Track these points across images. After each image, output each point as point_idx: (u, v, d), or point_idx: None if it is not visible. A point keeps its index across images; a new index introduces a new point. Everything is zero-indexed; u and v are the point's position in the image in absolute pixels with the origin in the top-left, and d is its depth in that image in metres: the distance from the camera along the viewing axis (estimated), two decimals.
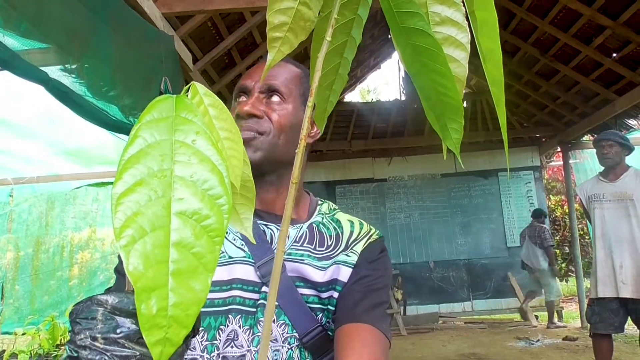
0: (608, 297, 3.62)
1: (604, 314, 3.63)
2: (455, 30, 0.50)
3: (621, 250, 3.61)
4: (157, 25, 2.87)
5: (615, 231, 3.67)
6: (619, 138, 3.70)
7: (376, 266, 0.93)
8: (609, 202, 3.71)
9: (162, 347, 0.34)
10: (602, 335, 3.66)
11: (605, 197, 3.74)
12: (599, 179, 3.84)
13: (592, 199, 3.80)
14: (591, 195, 3.81)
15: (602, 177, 3.82)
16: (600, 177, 3.84)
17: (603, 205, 3.73)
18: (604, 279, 3.65)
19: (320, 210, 1.01)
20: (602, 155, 3.73)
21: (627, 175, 3.70)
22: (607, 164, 3.73)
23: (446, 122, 0.52)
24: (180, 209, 0.36)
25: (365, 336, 0.83)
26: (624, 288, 3.55)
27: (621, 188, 3.69)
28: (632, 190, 3.62)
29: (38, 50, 1.90)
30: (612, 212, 3.69)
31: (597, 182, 3.85)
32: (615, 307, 3.61)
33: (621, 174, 3.71)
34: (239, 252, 0.90)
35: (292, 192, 0.40)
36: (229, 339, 0.85)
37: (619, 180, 3.71)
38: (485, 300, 7.89)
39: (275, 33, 0.47)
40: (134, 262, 0.34)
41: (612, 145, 3.68)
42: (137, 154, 0.37)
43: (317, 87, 0.53)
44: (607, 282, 3.64)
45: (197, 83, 0.44)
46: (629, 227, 3.62)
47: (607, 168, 3.75)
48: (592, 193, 3.82)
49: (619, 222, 3.65)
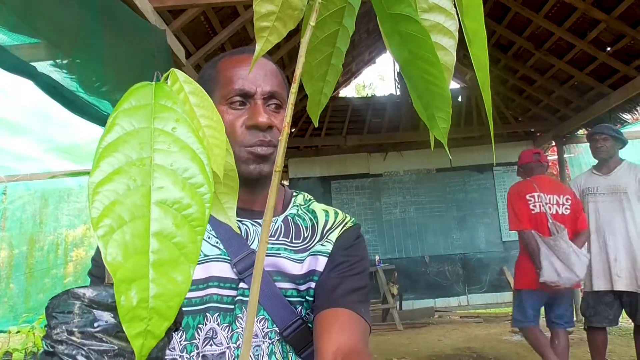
0: (602, 290, 3.62)
1: (599, 307, 3.63)
2: (444, 17, 0.49)
3: (615, 243, 3.61)
4: (148, 20, 2.85)
5: (610, 224, 3.65)
6: (612, 132, 3.69)
7: (352, 252, 0.92)
8: (603, 196, 3.70)
9: (143, 340, 0.33)
10: (596, 329, 3.66)
11: (599, 190, 3.72)
12: (593, 173, 3.83)
13: (585, 192, 3.78)
14: (585, 189, 3.79)
15: (595, 170, 3.81)
16: (594, 170, 3.83)
17: (597, 199, 3.72)
18: (599, 272, 3.64)
19: (295, 202, 1.00)
20: (596, 149, 3.71)
21: (620, 168, 3.70)
22: (600, 157, 3.72)
23: (434, 111, 0.51)
24: (161, 198, 0.36)
25: (344, 320, 0.82)
26: (618, 281, 3.55)
27: (615, 181, 3.68)
28: (626, 184, 3.63)
29: (28, 45, 1.88)
30: (606, 205, 3.68)
31: (590, 176, 3.84)
32: (609, 300, 3.61)
33: (615, 167, 3.71)
34: (214, 250, 0.89)
35: (275, 180, 0.39)
36: (208, 337, 0.84)
37: (612, 174, 3.70)
38: (481, 295, 7.92)
39: (263, 22, 0.46)
40: (113, 253, 0.33)
41: (605, 138, 3.66)
42: (115, 142, 0.36)
43: (308, 76, 0.52)
44: (601, 275, 3.63)
45: (176, 70, 0.43)
46: (622, 220, 3.61)
47: (601, 161, 3.74)
48: (585, 187, 3.80)
49: (613, 215, 3.64)
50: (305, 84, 0.52)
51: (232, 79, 0.89)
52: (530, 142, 8.13)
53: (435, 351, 5.51)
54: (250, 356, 0.79)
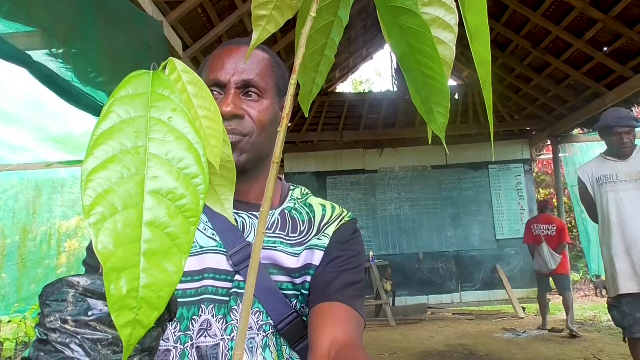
0: (636, 293, 3.11)
1: (638, 314, 3.08)
2: (443, 11, 0.49)
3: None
4: (145, 10, 2.83)
5: (637, 215, 3.15)
6: (634, 122, 3.21)
7: (348, 246, 0.92)
8: (625, 183, 3.19)
9: (131, 329, 0.33)
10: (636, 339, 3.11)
11: (620, 177, 3.21)
12: (605, 158, 3.32)
13: (602, 180, 3.27)
14: (600, 177, 3.28)
15: (608, 156, 3.31)
16: (606, 156, 3.33)
17: (618, 187, 3.21)
18: (627, 273, 3.14)
19: (292, 195, 1.00)
20: (621, 144, 3.21)
21: (638, 151, 3.24)
22: (626, 153, 3.23)
23: (432, 105, 0.51)
24: (154, 188, 0.35)
25: (339, 314, 0.83)
26: None
27: (636, 166, 3.20)
28: None
29: (23, 34, 1.86)
30: (631, 193, 3.17)
31: (603, 162, 3.32)
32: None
33: (631, 151, 3.24)
34: (210, 242, 0.89)
35: (273, 171, 0.39)
36: (202, 328, 0.84)
37: (631, 158, 3.22)
38: (474, 292, 7.95)
39: (261, 11, 0.46)
40: (104, 241, 0.33)
41: (630, 130, 3.19)
42: (110, 130, 0.36)
43: (301, 66, 0.52)
44: (631, 275, 3.13)
45: (175, 59, 0.42)
46: None
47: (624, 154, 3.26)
48: (601, 174, 3.28)
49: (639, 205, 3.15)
50: (298, 74, 0.52)
51: (211, 69, 0.90)
52: (526, 141, 8.16)
53: (427, 347, 5.53)
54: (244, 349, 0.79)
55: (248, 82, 0.88)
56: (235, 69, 0.88)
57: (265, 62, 0.92)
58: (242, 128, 0.87)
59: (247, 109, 0.88)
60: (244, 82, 0.88)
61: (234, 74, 0.88)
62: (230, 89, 0.88)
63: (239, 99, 0.88)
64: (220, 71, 0.88)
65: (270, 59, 0.94)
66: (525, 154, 8.18)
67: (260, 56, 0.92)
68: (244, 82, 0.88)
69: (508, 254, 7.85)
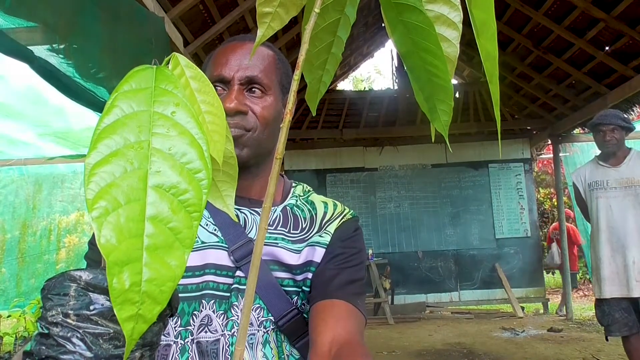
0: (616, 298, 3.24)
1: (616, 315, 3.23)
2: (448, 8, 0.49)
3: (633, 244, 3.20)
4: (147, 6, 2.83)
5: (625, 223, 3.23)
6: (620, 121, 3.26)
7: (350, 244, 0.93)
8: (615, 190, 3.27)
9: (134, 324, 0.33)
10: (626, 338, 3.26)
11: (610, 184, 3.28)
12: (599, 164, 3.37)
13: (593, 186, 3.34)
14: (592, 182, 3.35)
15: (602, 161, 3.36)
16: (600, 161, 3.37)
17: (608, 194, 3.28)
18: (612, 277, 3.25)
19: (295, 192, 1.00)
20: (604, 142, 3.28)
21: (630, 158, 3.27)
22: (609, 151, 3.30)
23: (435, 103, 0.51)
24: (157, 182, 0.35)
25: (339, 312, 0.83)
26: (638, 287, 3.16)
27: (627, 173, 3.25)
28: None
29: (25, 29, 1.86)
30: (620, 201, 3.24)
31: (597, 167, 3.37)
32: (625, 305, 3.24)
33: (624, 157, 3.28)
34: (211, 237, 0.89)
35: (276, 167, 0.39)
36: (203, 324, 0.85)
37: (623, 165, 3.27)
38: (473, 291, 7.95)
39: (266, 8, 0.46)
40: (107, 235, 0.33)
41: (614, 129, 3.24)
42: (114, 124, 0.36)
43: (307, 64, 0.52)
44: (615, 280, 3.24)
45: (178, 54, 0.42)
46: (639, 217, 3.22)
47: (609, 153, 3.33)
48: (592, 180, 3.35)
49: (628, 212, 3.22)
50: (305, 72, 0.51)
51: (215, 65, 0.90)
52: (526, 140, 8.15)
53: (426, 346, 5.54)
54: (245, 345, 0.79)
55: (252, 78, 0.89)
56: (239, 65, 0.88)
57: (270, 59, 0.92)
58: (245, 123, 0.87)
59: (251, 105, 0.88)
60: (247, 79, 0.88)
61: (238, 71, 0.88)
62: (234, 85, 0.88)
63: (243, 95, 0.88)
64: (225, 67, 0.89)
65: (274, 56, 0.94)
66: (526, 153, 8.17)
67: (264, 53, 0.92)
68: (248, 78, 0.88)
69: (507, 253, 7.84)
